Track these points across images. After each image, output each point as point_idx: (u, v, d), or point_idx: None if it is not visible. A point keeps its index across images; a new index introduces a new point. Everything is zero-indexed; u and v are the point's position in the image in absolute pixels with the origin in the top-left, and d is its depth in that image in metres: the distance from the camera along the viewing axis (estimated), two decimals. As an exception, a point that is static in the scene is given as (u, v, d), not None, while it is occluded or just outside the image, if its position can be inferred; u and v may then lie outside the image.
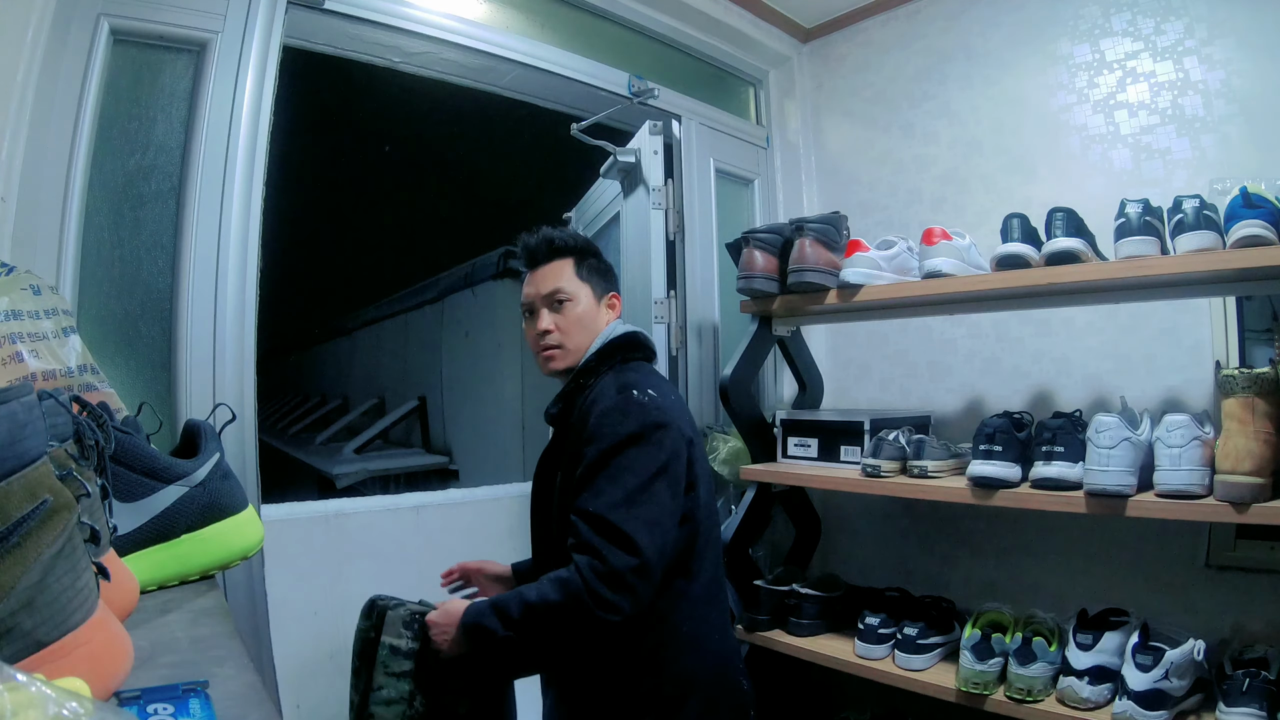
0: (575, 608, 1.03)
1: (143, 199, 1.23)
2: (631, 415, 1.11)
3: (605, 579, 1.03)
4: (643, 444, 1.10)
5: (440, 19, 1.62)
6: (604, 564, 1.03)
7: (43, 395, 0.59)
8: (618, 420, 1.11)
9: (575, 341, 1.25)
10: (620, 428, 1.10)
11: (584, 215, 2.54)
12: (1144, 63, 1.67)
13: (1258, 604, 1.46)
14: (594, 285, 1.27)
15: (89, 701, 0.31)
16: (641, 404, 1.12)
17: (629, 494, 1.07)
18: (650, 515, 1.07)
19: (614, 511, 1.05)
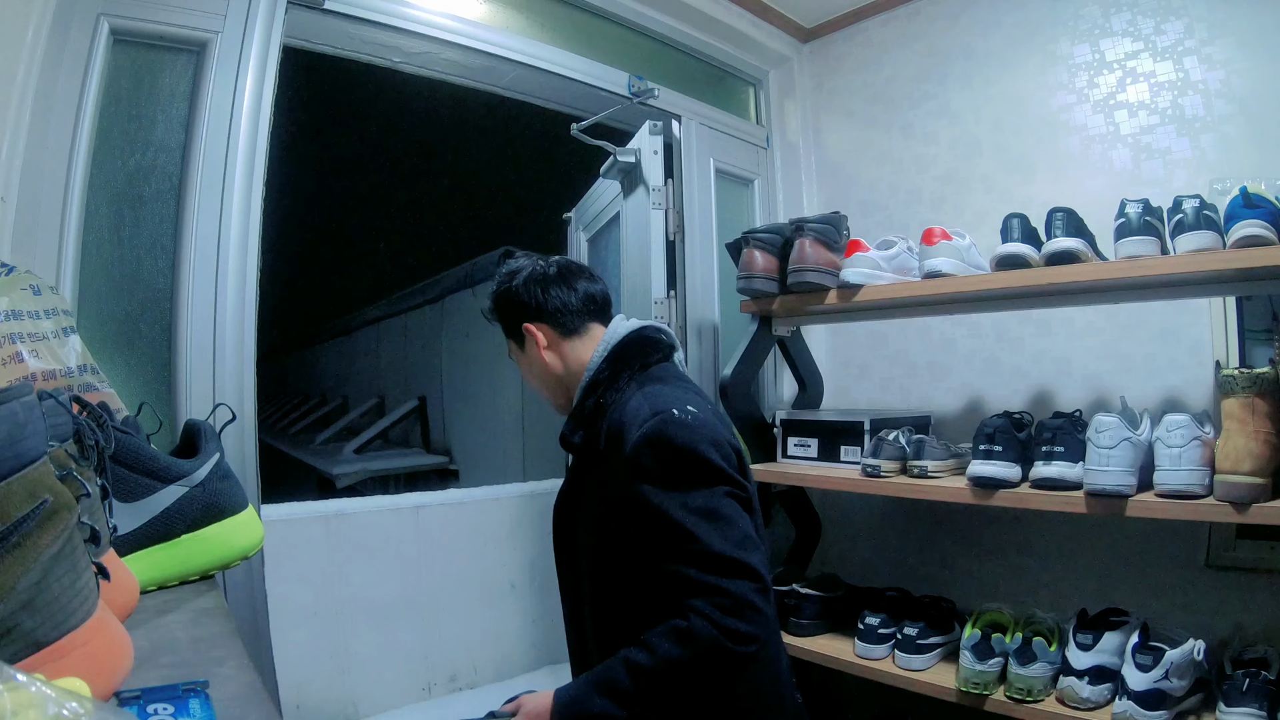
0: (710, 653, 0.95)
1: (143, 199, 1.23)
2: (679, 439, 1.01)
3: (734, 612, 0.95)
4: (704, 467, 1.01)
5: (440, 19, 1.62)
6: (728, 597, 0.95)
7: (43, 395, 0.59)
8: (668, 449, 1.00)
9: (539, 384, 1.20)
10: (676, 458, 1.00)
11: (584, 215, 2.54)
12: (1144, 63, 1.67)
13: (1258, 604, 1.46)
14: (513, 338, 1.20)
15: (89, 701, 0.31)
16: (685, 424, 1.02)
17: (714, 522, 0.99)
18: (740, 535, 1.00)
19: (712, 543, 0.97)
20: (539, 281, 1.17)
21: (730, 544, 0.98)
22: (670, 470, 1.00)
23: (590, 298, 1.19)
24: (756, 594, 0.97)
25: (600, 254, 2.45)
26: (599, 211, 2.38)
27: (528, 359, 1.19)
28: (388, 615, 2.32)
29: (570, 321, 1.17)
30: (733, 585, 0.96)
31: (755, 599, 0.96)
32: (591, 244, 2.55)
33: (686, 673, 0.96)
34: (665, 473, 1.00)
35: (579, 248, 2.61)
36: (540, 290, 1.17)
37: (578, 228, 2.63)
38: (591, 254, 2.54)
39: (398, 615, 2.34)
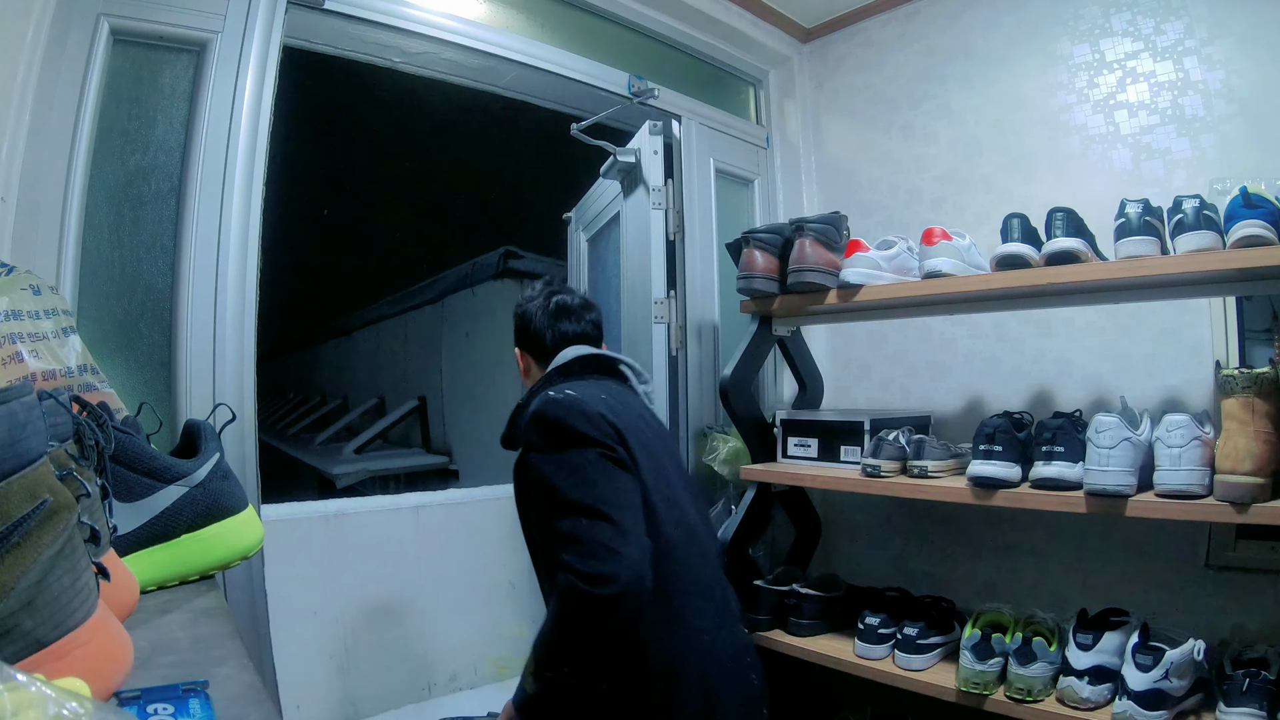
0: (573, 599, 1.03)
1: (143, 199, 1.23)
2: (551, 413, 1.18)
3: (590, 554, 1.05)
4: (571, 434, 1.16)
5: (440, 19, 1.62)
6: (582, 542, 1.06)
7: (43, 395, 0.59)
8: (544, 422, 1.18)
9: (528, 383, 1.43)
10: (550, 427, 1.17)
11: (584, 216, 2.54)
12: (1144, 63, 1.67)
13: (1258, 604, 1.46)
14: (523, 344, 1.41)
15: (89, 701, 0.31)
16: (559, 401, 1.20)
17: (576, 476, 1.12)
18: (607, 490, 1.12)
19: (571, 493, 1.10)
20: (531, 317, 1.40)
21: (589, 495, 1.10)
22: (547, 439, 1.18)
23: (564, 335, 1.39)
24: (613, 537, 1.06)
25: (600, 254, 2.44)
26: (599, 212, 2.38)
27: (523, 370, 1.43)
28: (388, 615, 2.32)
29: (541, 354, 1.39)
30: (587, 530, 1.07)
31: (611, 542, 1.06)
32: (591, 244, 2.54)
33: (567, 627, 1.06)
34: (543, 441, 1.18)
35: (579, 248, 2.60)
36: (527, 323, 1.41)
37: (578, 228, 2.62)
38: (591, 254, 2.53)
39: (398, 615, 2.34)
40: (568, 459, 1.15)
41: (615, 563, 1.04)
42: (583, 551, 1.05)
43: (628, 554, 1.06)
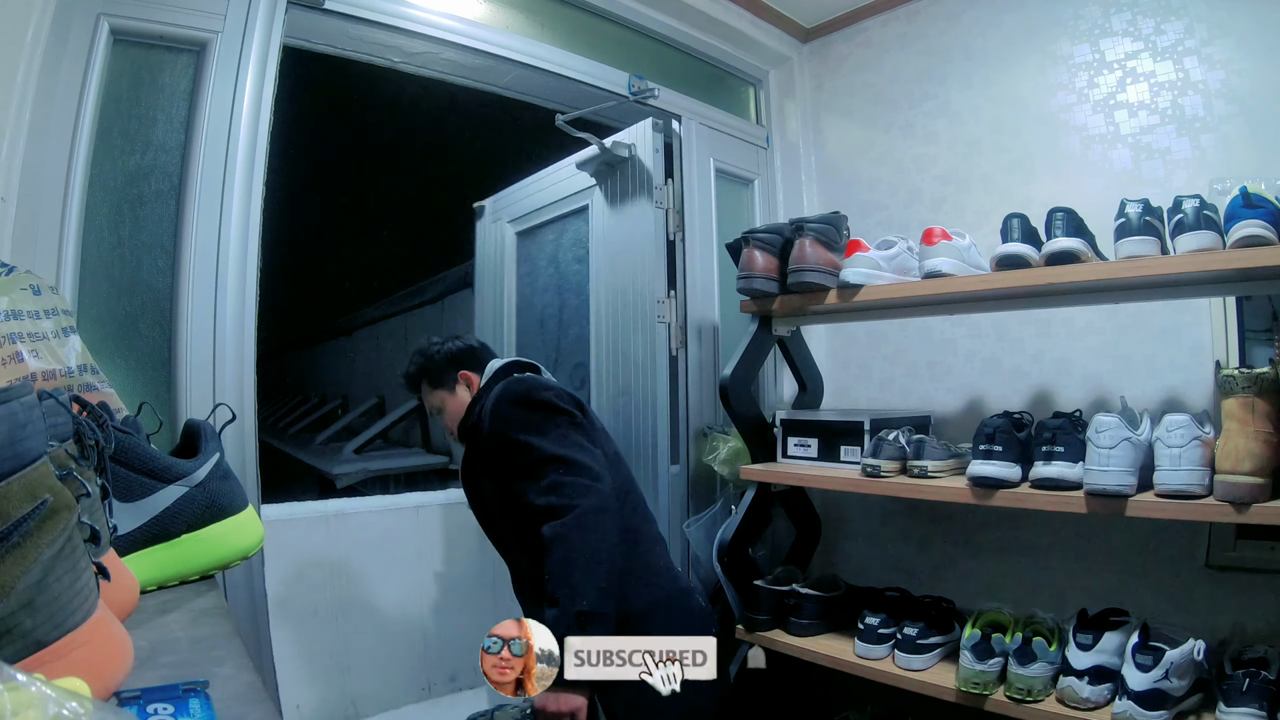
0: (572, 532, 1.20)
1: (143, 199, 1.23)
2: (514, 392, 1.40)
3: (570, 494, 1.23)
4: (538, 405, 1.36)
5: (440, 19, 1.62)
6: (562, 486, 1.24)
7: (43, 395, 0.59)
8: (509, 401, 1.38)
9: (456, 416, 1.57)
10: (518, 403, 1.37)
11: (513, 207, 2.40)
12: (1144, 63, 1.67)
13: (1258, 604, 1.46)
14: (446, 384, 1.57)
15: (89, 701, 0.31)
16: (520, 380, 1.43)
17: (552, 439, 1.30)
18: (576, 447, 1.31)
19: (549, 450, 1.28)
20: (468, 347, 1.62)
21: (563, 450, 1.29)
22: (516, 410, 1.36)
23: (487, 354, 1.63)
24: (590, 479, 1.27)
25: (539, 248, 2.32)
26: (546, 204, 2.26)
27: (455, 399, 1.57)
28: (388, 615, 2.32)
29: (479, 369, 1.59)
30: (566, 474, 1.26)
31: (589, 481, 1.26)
32: (525, 237, 2.38)
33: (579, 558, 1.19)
34: (513, 412, 1.36)
35: (499, 240, 2.46)
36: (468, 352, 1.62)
37: (497, 219, 2.47)
38: (521, 249, 2.40)
39: (398, 615, 2.34)
40: (539, 425, 1.33)
41: (596, 494, 1.25)
42: (564, 492, 1.24)
43: (603, 487, 1.27)
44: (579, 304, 2.13)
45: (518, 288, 2.41)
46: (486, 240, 2.53)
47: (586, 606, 1.16)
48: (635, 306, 1.92)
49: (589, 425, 1.41)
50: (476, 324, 2.54)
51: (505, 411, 1.37)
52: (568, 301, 2.20)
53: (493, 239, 2.49)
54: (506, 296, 2.41)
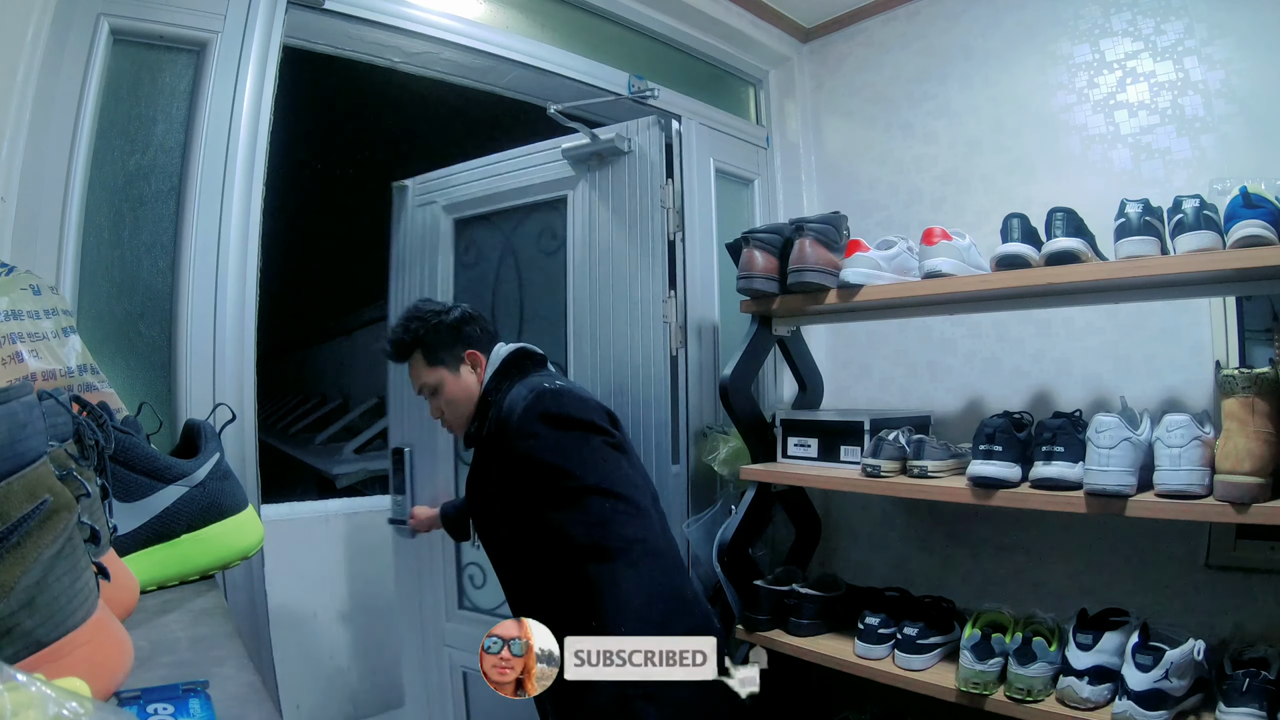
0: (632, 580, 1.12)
1: (143, 199, 1.23)
2: (549, 408, 1.24)
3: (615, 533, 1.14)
4: (576, 422, 1.23)
5: (440, 19, 1.62)
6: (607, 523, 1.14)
7: (43, 395, 0.59)
8: (544, 419, 1.23)
9: (458, 412, 1.40)
10: (550, 417, 1.23)
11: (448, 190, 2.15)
12: (1144, 63, 1.67)
13: (1258, 604, 1.46)
14: (447, 363, 1.38)
15: (89, 701, 0.31)
16: (555, 391, 1.26)
17: (591, 465, 1.19)
18: (617, 473, 1.21)
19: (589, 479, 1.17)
20: (474, 319, 1.43)
21: (604, 478, 1.18)
22: (550, 428, 1.21)
23: (493, 334, 1.45)
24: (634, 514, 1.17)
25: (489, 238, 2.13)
26: (501, 190, 2.07)
27: (458, 383, 1.38)
28: (388, 615, 2.32)
29: (488, 351, 1.41)
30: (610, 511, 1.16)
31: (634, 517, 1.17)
32: (468, 226, 2.15)
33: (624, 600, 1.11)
34: (547, 430, 1.21)
35: (429, 226, 2.19)
36: (472, 324, 1.42)
37: (428, 202, 2.20)
38: (462, 238, 2.16)
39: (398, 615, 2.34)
40: (579, 448, 1.20)
41: (646, 531, 1.16)
42: (612, 529, 1.13)
43: (652, 523, 1.19)
44: (551, 300, 2.02)
45: (455, 279, 2.16)
46: (411, 226, 2.23)
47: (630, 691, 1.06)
48: (635, 305, 1.91)
49: (626, 443, 1.29)
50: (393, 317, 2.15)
51: (539, 430, 1.21)
52: (532, 296, 2.07)
53: (420, 224, 2.22)
54: (440, 288, 2.16)
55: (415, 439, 2.16)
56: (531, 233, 2.07)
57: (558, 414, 1.23)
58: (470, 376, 1.38)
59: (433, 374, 1.38)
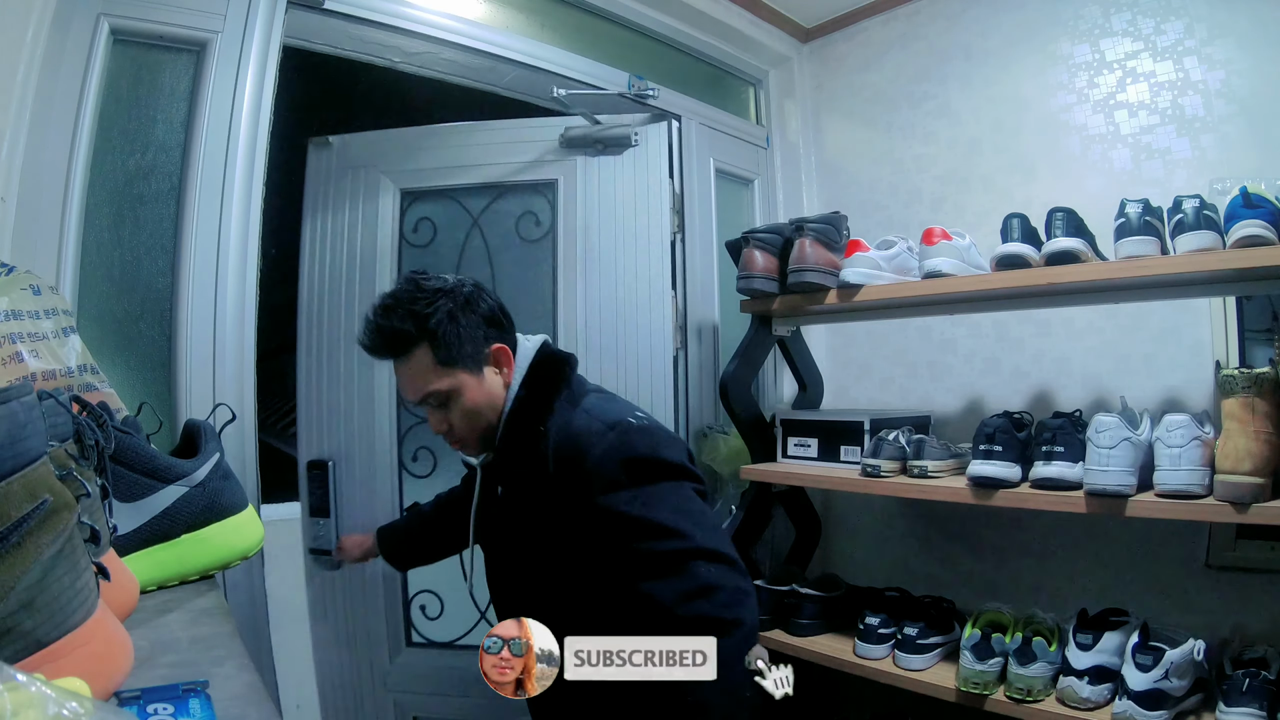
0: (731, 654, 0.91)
1: (143, 199, 1.23)
2: (633, 447, 1.02)
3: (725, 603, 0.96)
4: (665, 467, 1.03)
5: (440, 19, 1.62)
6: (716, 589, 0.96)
7: (43, 395, 0.59)
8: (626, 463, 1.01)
9: (477, 424, 1.10)
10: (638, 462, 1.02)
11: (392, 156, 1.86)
12: (1144, 63, 1.67)
13: (1258, 604, 1.46)
14: (466, 362, 1.06)
15: (89, 701, 0.31)
16: (642, 428, 1.05)
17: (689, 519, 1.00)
18: (710, 526, 1.04)
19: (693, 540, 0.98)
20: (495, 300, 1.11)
21: (704, 537, 1.00)
22: (643, 475, 1.01)
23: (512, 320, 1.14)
24: (739, 578, 1.01)
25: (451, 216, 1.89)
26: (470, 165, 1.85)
27: (484, 390, 1.07)
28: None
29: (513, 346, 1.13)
30: (717, 576, 0.98)
31: (740, 584, 1.00)
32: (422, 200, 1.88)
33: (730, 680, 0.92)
34: (630, 478, 1.00)
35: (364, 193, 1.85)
36: (486, 306, 1.09)
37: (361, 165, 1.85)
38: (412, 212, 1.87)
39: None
40: (672, 500, 1.01)
41: (750, 597, 1.00)
42: (719, 599, 0.96)
43: (749, 585, 1.02)
44: (534, 292, 1.87)
45: (399, 259, 1.85)
46: (337, 192, 1.86)
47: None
48: (636, 303, 1.90)
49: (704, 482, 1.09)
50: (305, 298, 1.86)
51: (629, 480, 1.00)
52: (509, 286, 1.86)
53: (348, 192, 1.86)
54: (379, 266, 1.83)
55: (338, 449, 1.79)
56: (507, 215, 1.87)
57: (651, 459, 1.01)
58: (495, 379, 1.09)
59: (447, 377, 1.05)
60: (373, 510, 1.77)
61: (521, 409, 1.09)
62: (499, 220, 1.88)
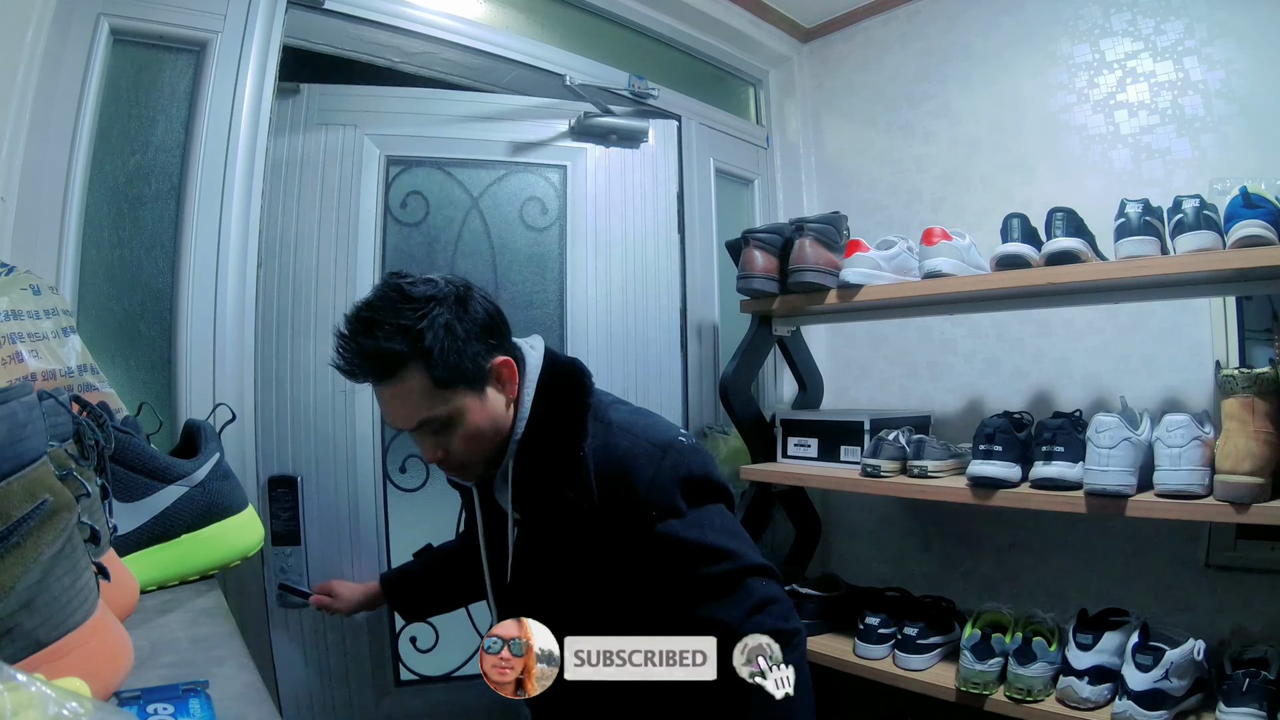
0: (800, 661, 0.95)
1: (143, 199, 1.23)
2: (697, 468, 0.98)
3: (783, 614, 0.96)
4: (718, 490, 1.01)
5: (440, 19, 1.62)
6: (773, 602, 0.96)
7: (43, 395, 0.59)
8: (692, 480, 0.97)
9: (481, 449, 0.98)
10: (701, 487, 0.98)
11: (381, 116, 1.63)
12: (1144, 63, 1.67)
13: (1258, 604, 1.46)
14: (467, 381, 0.92)
15: (89, 701, 0.31)
16: (695, 449, 1.01)
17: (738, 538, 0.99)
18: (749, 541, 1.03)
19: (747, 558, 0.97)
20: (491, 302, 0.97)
21: (753, 552, 0.99)
22: (697, 499, 0.97)
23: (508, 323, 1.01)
24: (781, 588, 1.00)
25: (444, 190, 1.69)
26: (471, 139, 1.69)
27: (488, 410, 0.95)
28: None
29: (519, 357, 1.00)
30: (769, 590, 0.97)
31: (784, 594, 1.00)
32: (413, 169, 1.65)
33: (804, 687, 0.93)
34: (688, 503, 0.96)
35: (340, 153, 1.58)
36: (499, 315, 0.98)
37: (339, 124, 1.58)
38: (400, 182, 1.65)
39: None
40: (721, 520, 0.98)
41: (789, 602, 1.00)
42: (776, 612, 0.95)
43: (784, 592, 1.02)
44: (539, 284, 1.75)
45: (383, 235, 1.61)
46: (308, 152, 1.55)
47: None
48: (646, 302, 1.90)
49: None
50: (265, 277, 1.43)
51: (685, 503, 0.95)
52: (513, 278, 1.73)
53: (325, 153, 1.57)
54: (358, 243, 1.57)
55: (307, 463, 1.48)
56: (512, 198, 1.73)
57: (704, 480, 0.98)
58: (498, 396, 0.96)
59: (446, 401, 0.92)
60: (356, 534, 1.52)
61: (541, 430, 0.97)
62: (501, 202, 1.72)
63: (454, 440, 0.95)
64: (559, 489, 0.96)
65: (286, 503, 1.46)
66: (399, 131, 1.64)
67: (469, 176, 1.71)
